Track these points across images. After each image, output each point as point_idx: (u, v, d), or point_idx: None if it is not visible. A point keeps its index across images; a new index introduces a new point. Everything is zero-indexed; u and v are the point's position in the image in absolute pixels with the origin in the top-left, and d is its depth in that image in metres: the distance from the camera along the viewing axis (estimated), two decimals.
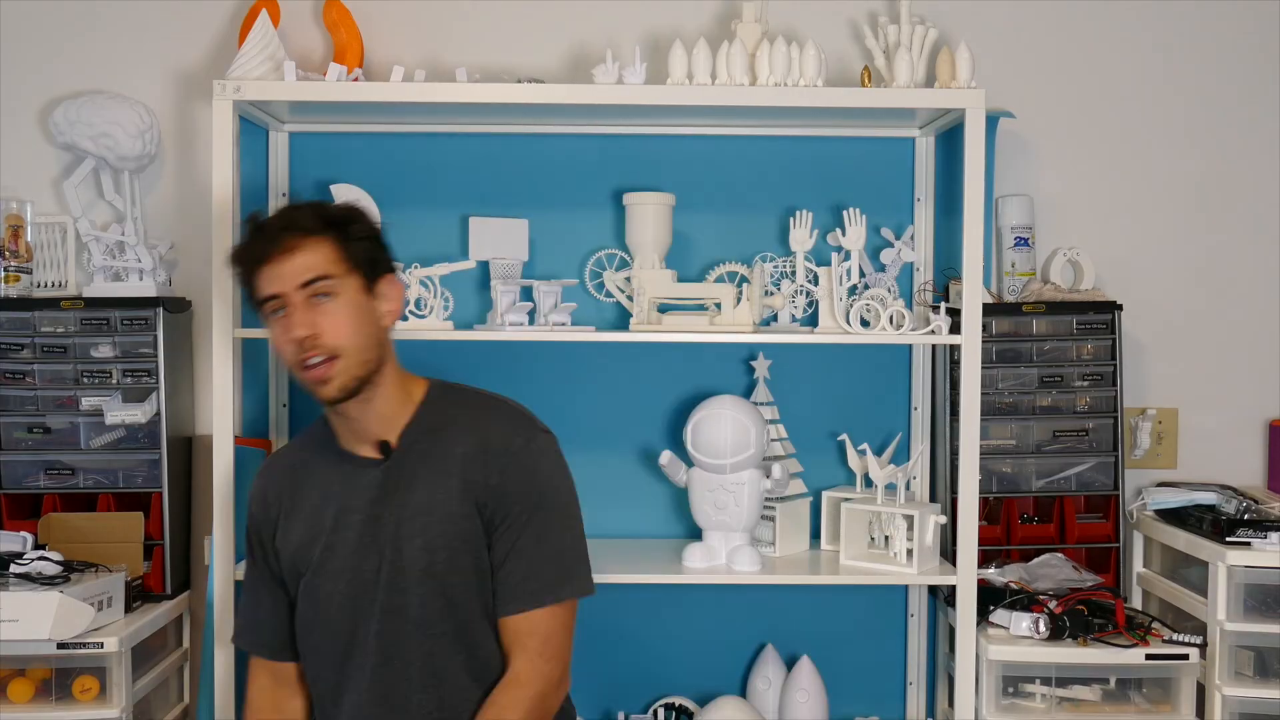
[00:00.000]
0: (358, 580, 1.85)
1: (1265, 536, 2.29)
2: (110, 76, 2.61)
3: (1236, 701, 2.29)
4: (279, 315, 1.81)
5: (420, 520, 1.83)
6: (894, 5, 2.53)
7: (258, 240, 1.83)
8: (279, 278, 1.79)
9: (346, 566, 1.86)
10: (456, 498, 1.84)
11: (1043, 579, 2.42)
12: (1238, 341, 2.71)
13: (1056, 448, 2.52)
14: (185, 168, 2.63)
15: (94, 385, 2.44)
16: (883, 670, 2.66)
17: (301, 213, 1.85)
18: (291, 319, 1.79)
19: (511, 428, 1.89)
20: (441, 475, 1.85)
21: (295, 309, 1.79)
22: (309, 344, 1.78)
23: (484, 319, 2.53)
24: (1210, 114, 2.70)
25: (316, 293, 1.79)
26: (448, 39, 2.62)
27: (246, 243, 1.85)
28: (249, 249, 1.83)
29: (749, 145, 2.61)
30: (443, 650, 1.83)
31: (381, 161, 2.57)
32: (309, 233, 1.81)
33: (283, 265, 1.79)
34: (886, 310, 2.36)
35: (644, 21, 2.62)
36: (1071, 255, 2.64)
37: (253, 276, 1.82)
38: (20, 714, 2.18)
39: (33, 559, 2.23)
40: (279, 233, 1.81)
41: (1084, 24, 2.68)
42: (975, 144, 2.27)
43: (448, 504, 1.84)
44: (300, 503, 1.92)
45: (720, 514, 2.41)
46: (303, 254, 1.79)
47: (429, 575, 1.83)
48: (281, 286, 1.79)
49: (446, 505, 1.84)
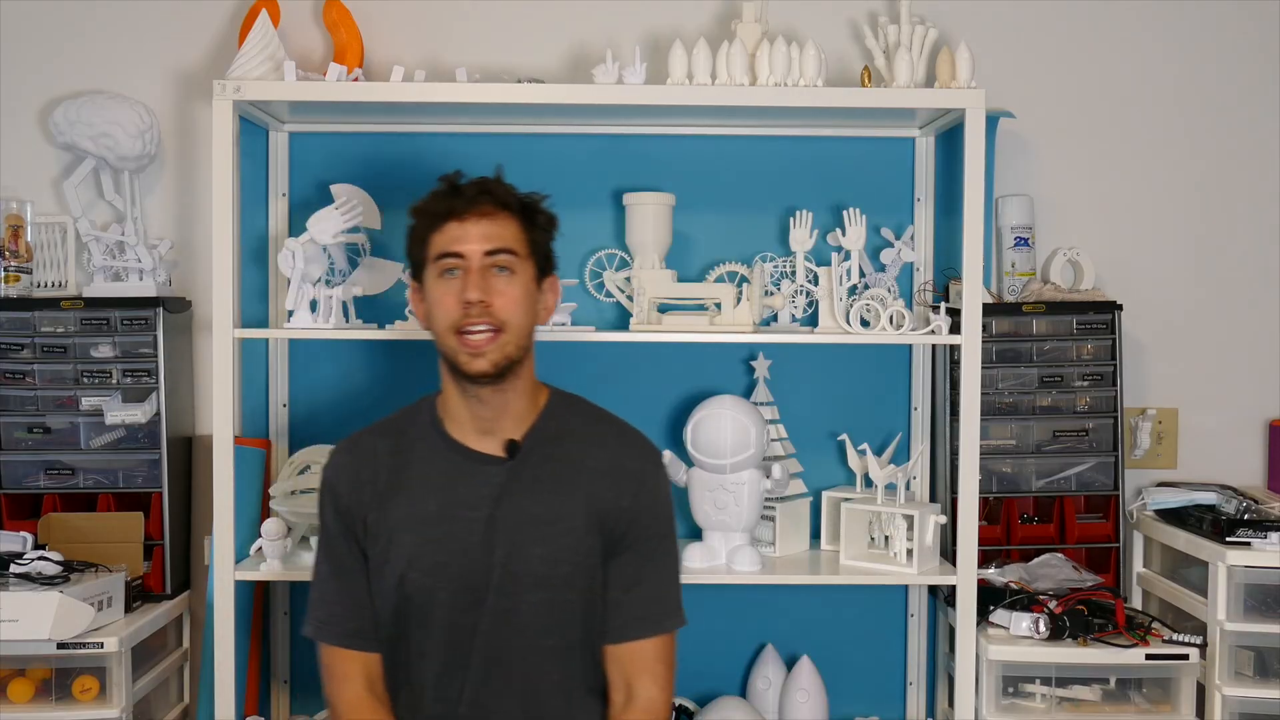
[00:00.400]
0: (465, 578, 1.79)
1: (1265, 536, 2.29)
2: (110, 76, 2.60)
3: (1236, 701, 2.29)
4: (451, 276, 1.78)
5: (543, 529, 1.80)
6: (894, 5, 2.53)
7: (453, 197, 1.80)
8: (466, 238, 1.77)
9: (452, 562, 1.80)
10: (581, 512, 1.81)
11: (1043, 579, 2.42)
12: (1238, 341, 2.71)
13: (1056, 448, 2.52)
14: (185, 168, 2.63)
15: (94, 385, 2.44)
16: (883, 670, 2.66)
17: (500, 186, 1.83)
18: (468, 280, 1.76)
19: (642, 451, 1.89)
20: (567, 486, 1.82)
21: (473, 273, 1.76)
22: (478, 310, 1.75)
23: None
24: (1210, 114, 2.70)
25: (498, 264, 1.78)
26: (448, 39, 2.62)
27: (439, 196, 1.82)
28: (441, 202, 1.81)
29: (749, 145, 2.61)
30: (544, 662, 1.81)
31: (381, 161, 2.57)
32: (505, 206, 1.81)
33: (474, 227, 1.78)
34: (886, 310, 2.36)
35: (644, 21, 2.62)
36: (1071, 255, 2.64)
37: (434, 230, 1.80)
38: (20, 714, 2.18)
39: (33, 559, 2.23)
40: (478, 195, 1.80)
41: (1084, 24, 2.68)
42: (975, 144, 2.27)
43: (572, 517, 1.81)
44: (400, 488, 1.84)
45: (720, 514, 2.41)
46: (495, 223, 1.79)
47: (545, 585, 1.79)
48: (466, 247, 1.77)
49: (571, 519, 1.81)
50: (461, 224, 1.78)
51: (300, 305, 2.31)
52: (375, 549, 1.83)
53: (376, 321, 2.48)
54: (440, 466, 1.84)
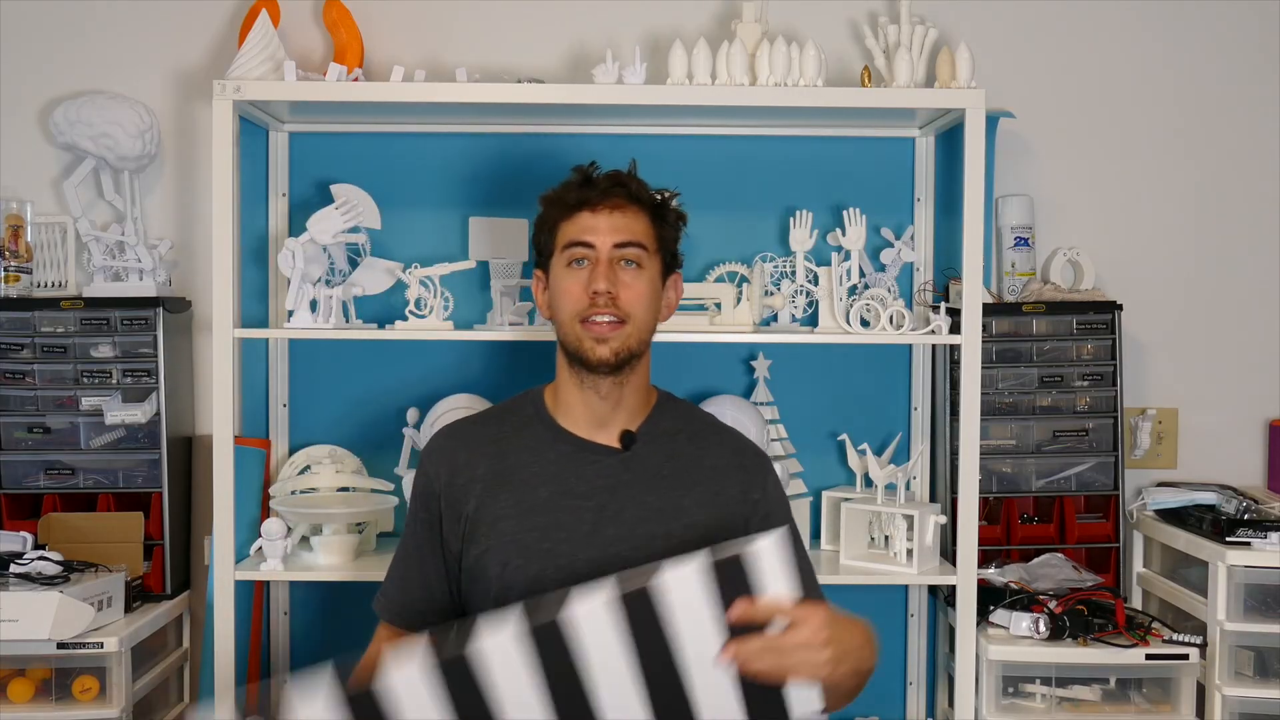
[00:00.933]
0: (577, 569, 1.71)
1: (1265, 536, 2.29)
2: (110, 76, 2.60)
3: (1236, 701, 2.29)
4: (579, 266, 1.78)
5: (665, 522, 1.76)
6: (894, 5, 2.53)
7: (586, 188, 1.80)
8: (597, 229, 1.77)
9: (563, 552, 1.74)
10: (705, 506, 1.78)
11: (1043, 579, 2.42)
12: (1238, 341, 2.71)
13: (1056, 448, 2.52)
14: (185, 168, 2.63)
15: (94, 385, 2.44)
16: (883, 670, 2.62)
17: (633, 181, 1.83)
18: (596, 271, 1.76)
19: (757, 451, 1.89)
20: (686, 481, 1.80)
21: (601, 264, 1.76)
22: (605, 300, 1.75)
23: (484, 319, 2.52)
24: (1210, 114, 2.70)
25: (627, 257, 1.78)
26: (448, 39, 2.62)
27: (571, 186, 1.82)
28: (574, 192, 1.80)
29: (749, 145, 2.61)
30: None
31: (381, 161, 2.57)
32: (637, 200, 1.81)
33: (606, 219, 1.78)
34: (886, 310, 2.36)
35: (644, 21, 2.62)
36: (1071, 255, 2.64)
37: (565, 220, 1.80)
38: (20, 714, 2.18)
39: (33, 559, 2.23)
40: (612, 187, 1.80)
41: (1084, 24, 2.68)
42: (975, 144, 2.27)
43: (693, 511, 1.78)
44: (505, 475, 1.79)
45: None
46: (626, 216, 1.79)
47: None
48: (598, 238, 1.77)
49: (692, 512, 1.78)
50: (594, 214, 1.78)
51: (300, 305, 2.31)
52: (475, 537, 1.77)
53: (376, 321, 2.49)
54: (548, 455, 1.81)
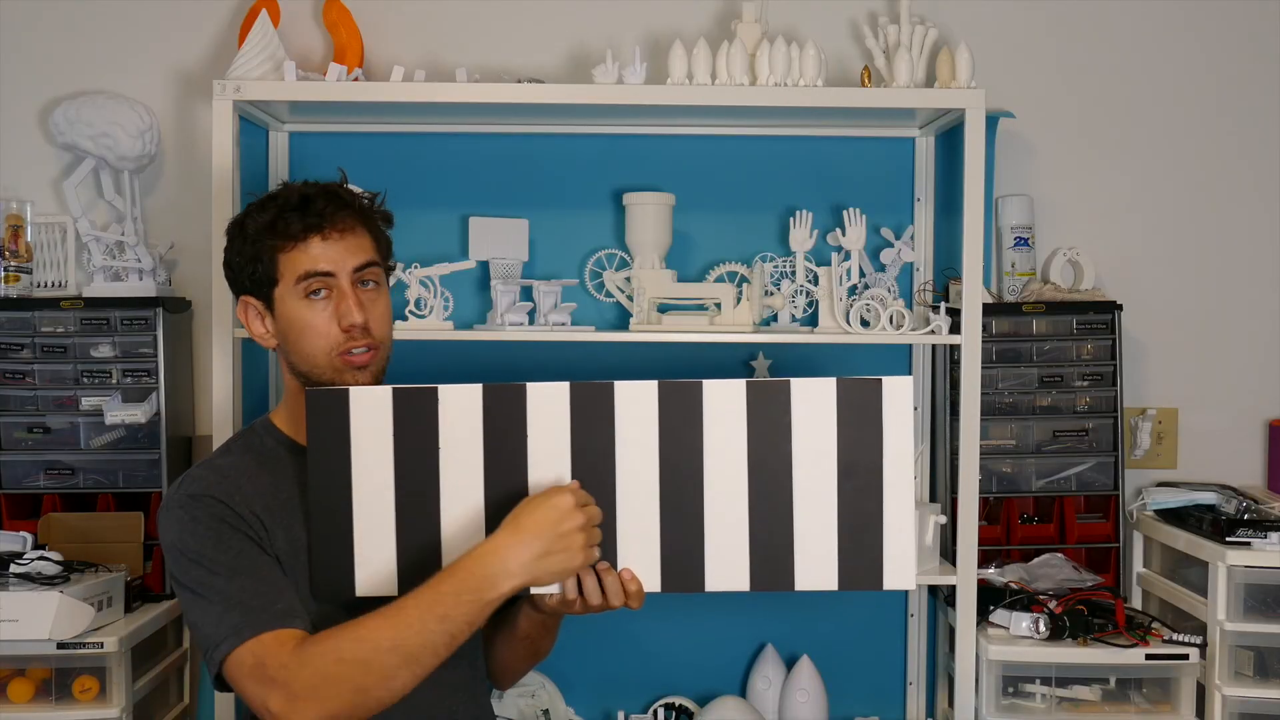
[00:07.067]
0: None
1: (1265, 536, 2.29)
2: (110, 76, 2.60)
3: (1236, 701, 2.29)
4: (317, 296, 1.64)
5: None
6: (894, 5, 2.53)
7: (305, 213, 1.64)
8: (333, 257, 1.64)
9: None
10: None
11: (1043, 579, 2.42)
12: (1238, 341, 2.71)
13: (1056, 448, 2.52)
14: (185, 168, 2.63)
15: (94, 385, 2.44)
16: (883, 670, 2.66)
17: (347, 193, 1.69)
18: (345, 303, 1.63)
19: None
20: None
21: (347, 294, 1.64)
22: (359, 332, 1.64)
23: (484, 319, 2.52)
24: (1210, 114, 2.70)
25: (365, 278, 1.67)
26: (448, 39, 2.62)
27: (288, 209, 1.64)
28: (296, 218, 1.64)
29: (749, 145, 2.61)
30: None
31: (381, 161, 2.57)
32: (359, 216, 1.68)
33: (339, 243, 1.65)
34: (886, 310, 2.36)
35: (644, 21, 2.62)
36: (1071, 255, 2.64)
37: (290, 249, 1.64)
38: (20, 714, 2.18)
39: (33, 559, 2.23)
40: (337, 210, 1.65)
41: (1084, 24, 2.68)
42: (975, 144, 2.27)
43: None
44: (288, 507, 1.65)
45: None
46: (357, 236, 1.67)
47: None
48: (336, 265, 1.64)
49: None
50: (325, 241, 1.64)
51: None
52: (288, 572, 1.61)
53: None
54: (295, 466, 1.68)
